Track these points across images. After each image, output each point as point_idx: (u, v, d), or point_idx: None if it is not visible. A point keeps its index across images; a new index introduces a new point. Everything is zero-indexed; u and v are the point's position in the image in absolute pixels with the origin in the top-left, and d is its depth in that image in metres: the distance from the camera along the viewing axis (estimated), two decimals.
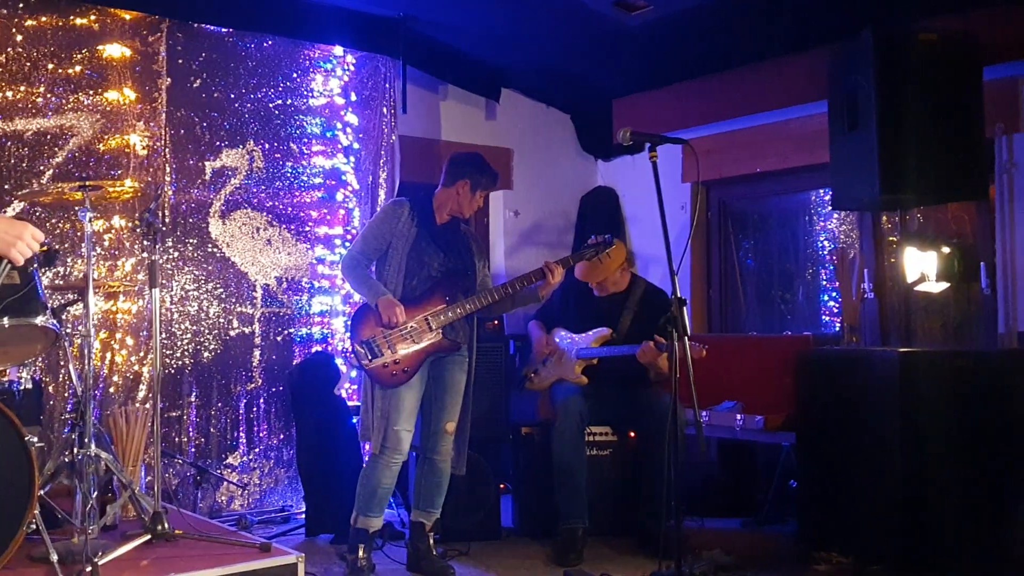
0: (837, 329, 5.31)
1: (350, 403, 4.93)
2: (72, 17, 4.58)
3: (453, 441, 4.04)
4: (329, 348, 5.33)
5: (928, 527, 3.77)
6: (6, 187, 4.37)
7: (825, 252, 5.55)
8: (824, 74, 4.41)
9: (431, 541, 4.04)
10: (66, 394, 4.44)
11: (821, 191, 5.53)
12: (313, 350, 5.28)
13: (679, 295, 2.91)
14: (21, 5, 4.45)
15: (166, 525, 3.54)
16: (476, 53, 5.82)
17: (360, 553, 3.90)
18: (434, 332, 3.91)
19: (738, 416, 4.76)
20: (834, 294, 5.41)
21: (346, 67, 5.45)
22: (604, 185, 6.64)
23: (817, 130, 4.92)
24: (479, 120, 6.21)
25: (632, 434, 4.63)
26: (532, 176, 6.42)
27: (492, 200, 6.39)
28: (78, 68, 4.59)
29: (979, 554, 3.74)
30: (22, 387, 3.76)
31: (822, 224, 5.61)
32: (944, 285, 4.62)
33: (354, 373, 5.22)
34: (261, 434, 5.11)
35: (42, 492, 3.32)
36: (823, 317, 5.55)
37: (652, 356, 4.28)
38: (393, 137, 5.52)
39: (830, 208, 5.38)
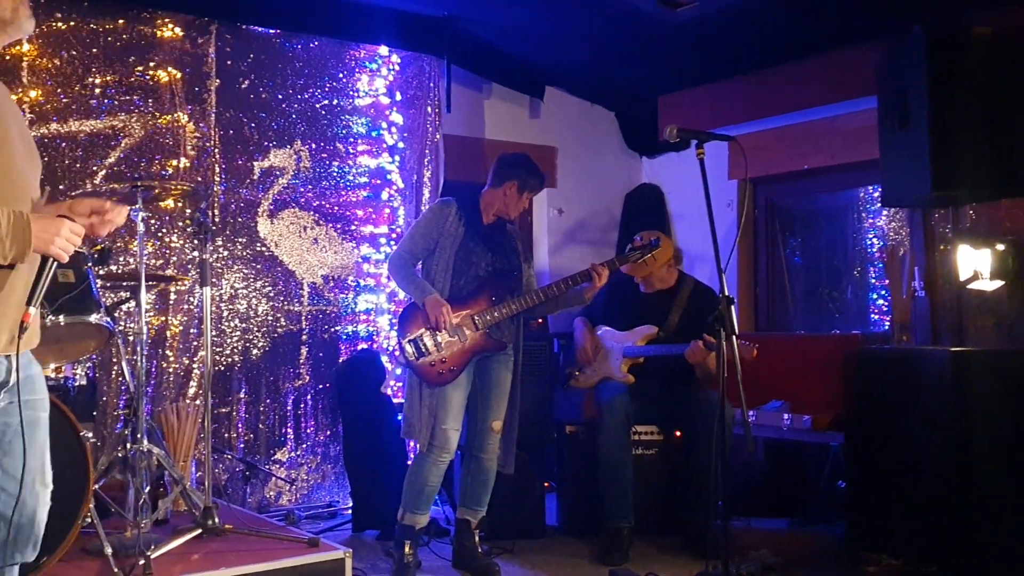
0: (887, 328, 5.23)
1: (396, 400, 4.97)
2: (124, 20, 4.67)
3: (500, 440, 4.04)
4: (374, 346, 5.38)
5: (980, 530, 3.70)
6: (61, 187, 4.47)
7: (874, 249, 5.47)
8: (873, 69, 4.34)
9: (476, 539, 4.06)
10: (119, 390, 4.52)
11: (870, 187, 5.45)
12: (359, 348, 5.33)
13: (727, 294, 2.88)
14: (74, 10, 4.55)
15: (216, 520, 3.60)
16: (520, 51, 5.83)
17: (406, 549, 3.92)
18: (480, 331, 3.92)
19: (785, 416, 4.70)
20: (883, 292, 5.33)
21: (391, 67, 5.48)
22: (649, 182, 6.60)
23: (866, 126, 4.84)
24: (523, 118, 6.21)
25: (678, 433, 4.60)
26: (576, 174, 6.40)
27: (536, 198, 6.37)
28: (130, 70, 4.68)
29: None
30: (77, 383, 3.85)
31: (871, 221, 5.52)
32: (998, 283, 4.52)
33: (399, 371, 5.26)
34: (308, 430, 5.17)
35: (96, 486, 3.39)
36: (872, 315, 5.47)
37: (701, 356, 4.25)
38: (437, 136, 5.55)
39: (879, 205, 5.30)
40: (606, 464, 4.32)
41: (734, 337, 2.87)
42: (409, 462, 4.65)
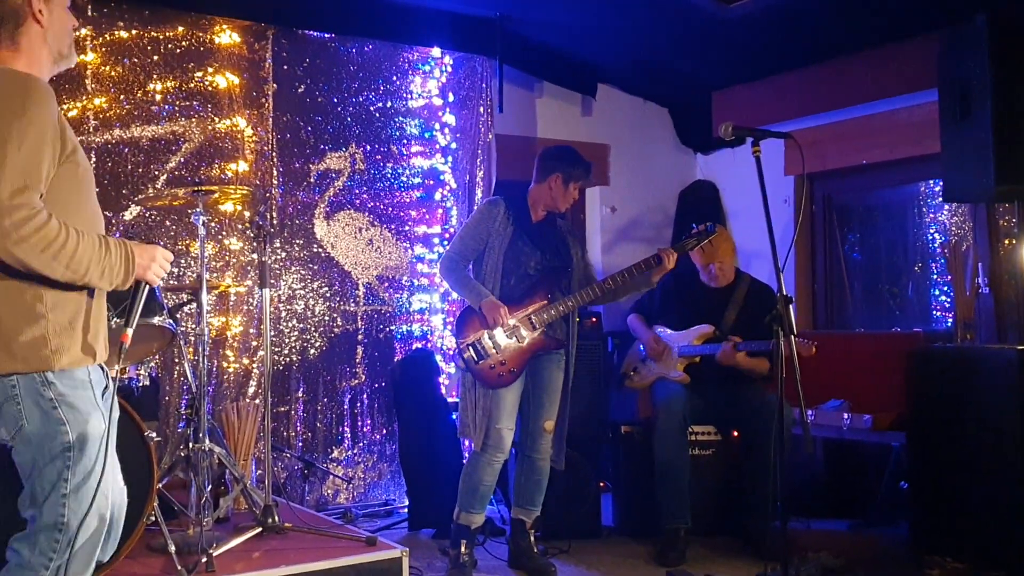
0: (949, 325, 5.12)
1: (450, 399, 4.99)
2: (183, 28, 4.77)
3: (553, 436, 4.04)
4: (429, 345, 5.42)
5: None
6: (124, 192, 4.58)
7: (936, 245, 5.35)
8: (933, 61, 4.25)
9: (532, 538, 4.06)
10: (181, 390, 4.62)
11: (931, 182, 5.33)
12: (413, 347, 5.37)
13: (785, 293, 2.84)
14: (135, 19, 4.65)
15: (276, 518, 3.66)
16: (572, 50, 5.82)
17: (462, 549, 3.94)
18: (537, 331, 3.91)
19: (845, 415, 4.63)
20: (946, 288, 5.21)
21: (444, 68, 5.52)
22: (704, 179, 6.54)
23: (926, 120, 4.75)
24: (575, 116, 6.19)
25: (736, 433, 4.56)
26: (629, 171, 6.37)
27: (588, 196, 6.37)
28: (189, 76, 4.77)
29: None
30: (140, 384, 3.93)
31: (932, 216, 5.41)
32: None
33: (451, 368, 5.29)
34: (364, 429, 5.23)
35: (160, 485, 3.46)
36: (934, 312, 5.35)
37: (732, 359, 4.23)
38: (490, 136, 5.57)
39: (941, 199, 5.18)
40: (662, 464, 4.30)
41: (793, 336, 2.83)
42: (464, 461, 4.68)
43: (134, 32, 4.66)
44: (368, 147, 5.29)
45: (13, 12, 2.11)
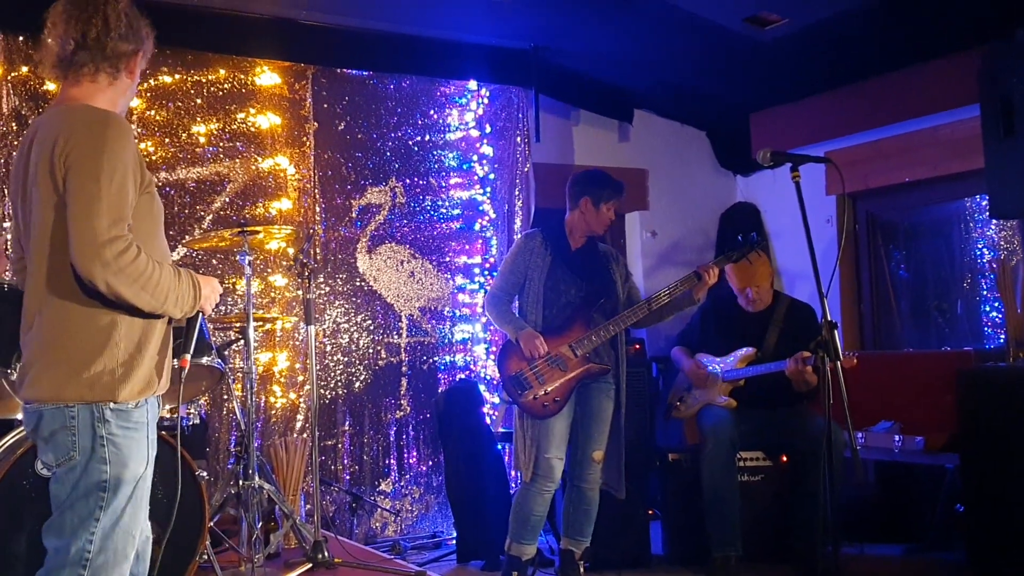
0: (1002, 342, 5.02)
1: (495, 430, 4.99)
2: (225, 71, 4.87)
3: (611, 465, 4.02)
4: (472, 375, 5.43)
5: None
6: (171, 233, 4.68)
7: (984, 261, 5.26)
8: (974, 77, 4.20)
9: (581, 569, 4.04)
10: (230, 426, 4.68)
11: (977, 197, 5.26)
12: (457, 377, 5.39)
13: (829, 319, 2.82)
14: (179, 64, 4.77)
15: (326, 554, 3.68)
16: (607, 77, 5.84)
17: None
18: (579, 359, 3.91)
19: (896, 437, 4.55)
20: (996, 305, 5.12)
21: (480, 100, 5.57)
22: (744, 201, 6.50)
23: (969, 136, 4.68)
24: (612, 142, 6.21)
25: (785, 458, 4.50)
26: (669, 195, 6.36)
27: (628, 221, 6.37)
28: (232, 118, 4.87)
29: None
30: (191, 422, 3.99)
31: (980, 231, 5.32)
32: None
33: (496, 398, 5.30)
34: (411, 461, 5.25)
35: (211, 523, 3.51)
36: (985, 330, 5.25)
37: (800, 373, 4.16)
38: (527, 165, 5.60)
39: (988, 215, 5.10)
40: (711, 492, 4.26)
41: (839, 362, 2.80)
42: (511, 491, 4.67)
43: (178, 76, 4.77)
44: (408, 181, 5.35)
45: (122, 56, 2.20)
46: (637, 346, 4.77)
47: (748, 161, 6.26)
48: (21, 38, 4.33)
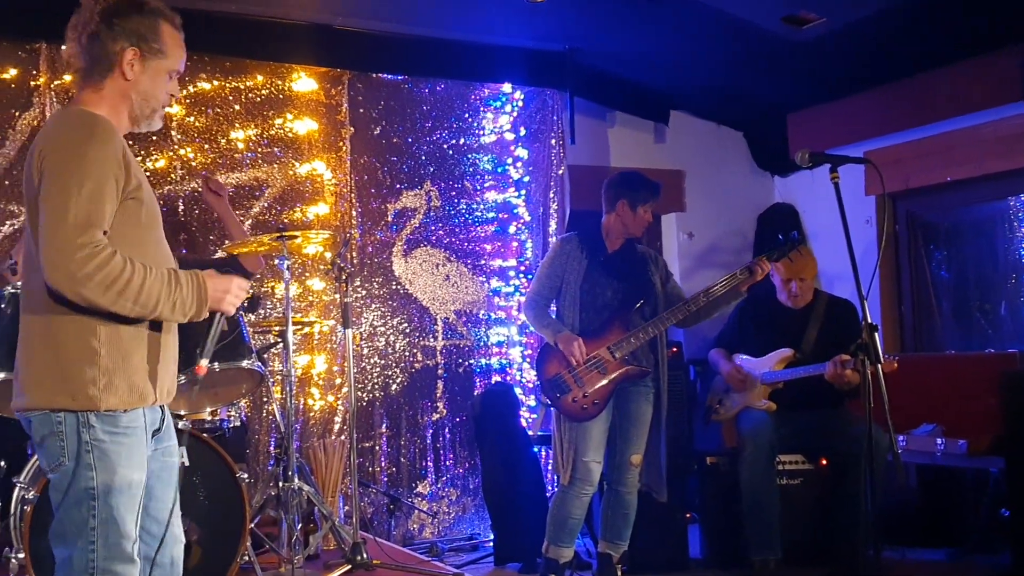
0: None
1: (531, 433, 4.99)
2: (262, 77, 4.93)
3: (651, 467, 3.99)
4: (508, 378, 5.44)
5: None
6: (211, 238, 4.74)
7: None
8: (1017, 74, 4.13)
9: (619, 573, 4.03)
10: (269, 429, 4.73)
11: (1022, 196, 5.16)
12: (493, 380, 5.40)
13: (870, 321, 2.78)
14: (217, 71, 4.83)
15: (365, 555, 3.71)
16: (642, 79, 5.82)
17: None
18: (618, 361, 3.90)
19: (938, 440, 4.49)
20: None
21: (515, 103, 5.58)
22: (782, 202, 6.44)
23: (1012, 134, 4.61)
24: (648, 144, 6.18)
25: (824, 461, 4.46)
26: (706, 197, 6.32)
27: (665, 223, 6.34)
28: (270, 123, 4.93)
29: None
30: (231, 425, 4.03)
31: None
32: None
33: (532, 401, 5.30)
34: (447, 463, 5.27)
35: (252, 524, 3.54)
36: None
37: (840, 376, 4.11)
38: (562, 168, 5.59)
39: None
40: (750, 495, 4.22)
41: (879, 366, 2.77)
42: (548, 494, 4.67)
43: (216, 83, 4.83)
44: (443, 184, 5.38)
45: (106, 57, 2.14)
46: (675, 349, 4.75)
47: (786, 161, 6.20)
48: (63, 47, 4.40)
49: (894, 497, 4.69)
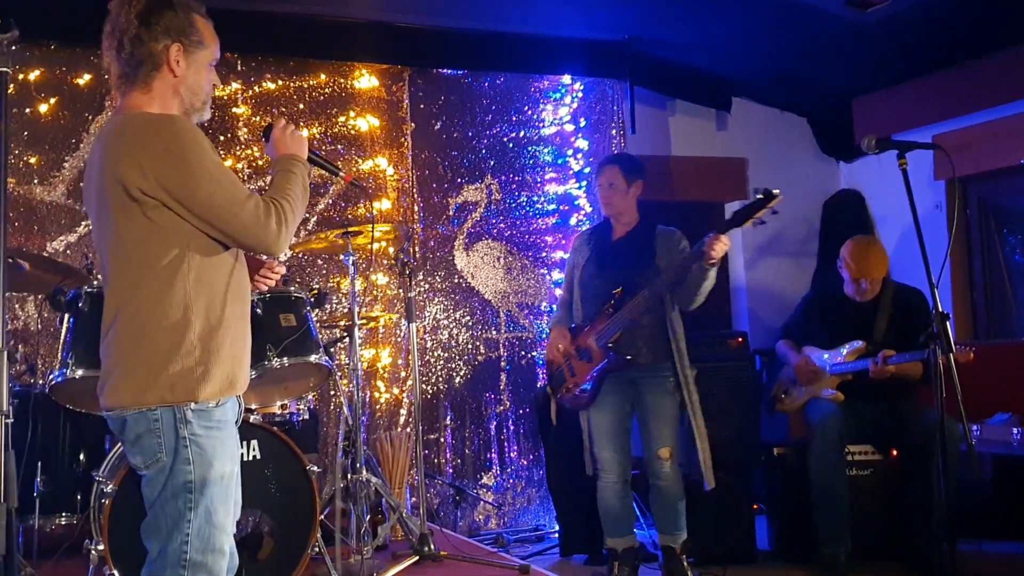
0: None
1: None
2: (325, 76, 5.01)
3: (687, 456, 3.94)
4: None
5: None
6: None
7: None
8: None
9: (685, 563, 4.00)
10: (337, 421, 4.81)
11: None
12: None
13: (941, 309, 2.72)
14: (282, 71, 4.91)
15: (432, 546, 3.75)
16: (703, 66, 5.76)
17: (614, 572, 3.94)
18: (601, 350, 3.84)
19: (1015, 429, 4.37)
20: None
21: (574, 94, 5.57)
22: (848, 188, 6.33)
23: None
24: (710, 131, 6.12)
25: (895, 452, 4.37)
26: (768, 184, 6.01)
27: (728, 211, 6.26)
28: (333, 121, 5.00)
29: None
30: (301, 418, 4.11)
31: None
32: None
33: None
34: (512, 455, 5.30)
35: (322, 516, 3.61)
36: None
37: (884, 373, 4.05)
38: None
39: None
40: (819, 487, 4.16)
41: (951, 354, 2.71)
42: None
43: (280, 83, 4.92)
44: (503, 177, 5.40)
45: (151, 57, 2.18)
46: (740, 339, 4.70)
47: (851, 147, 6.09)
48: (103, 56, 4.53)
49: (968, 488, 4.58)
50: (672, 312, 3.84)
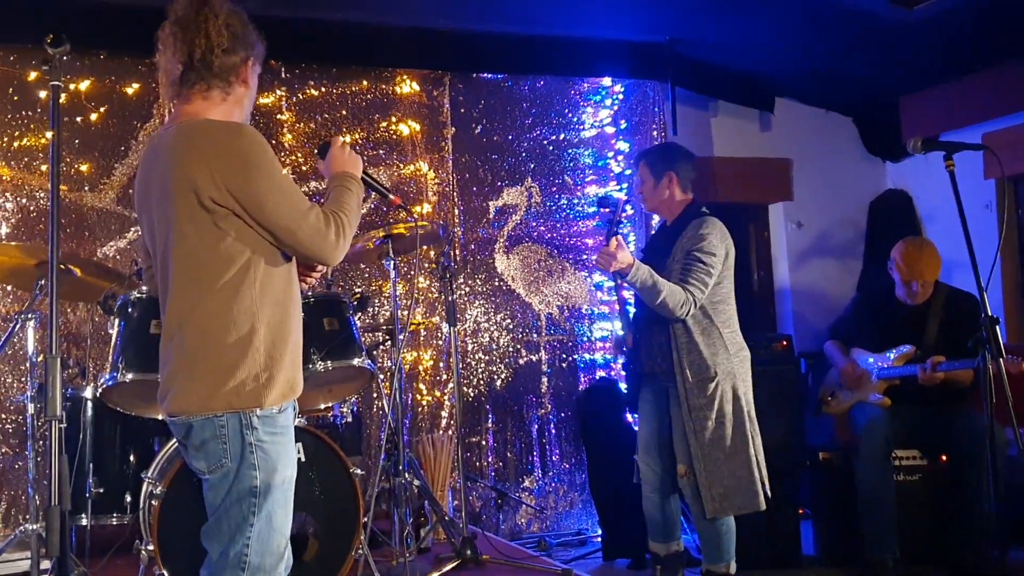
0: None
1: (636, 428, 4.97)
2: (367, 82, 5.06)
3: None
4: (612, 373, 5.42)
5: None
6: None
7: None
8: None
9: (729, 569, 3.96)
10: (379, 423, 4.84)
11: None
12: (597, 375, 5.39)
13: (990, 314, 2.67)
14: (324, 77, 4.97)
15: (475, 550, 3.76)
16: (746, 66, 5.71)
17: (656, 574, 3.91)
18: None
19: None
20: None
21: (615, 96, 5.55)
22: (895, 188, 6.23)
23: None
24: (753, 132, 6.07)
25: (944, 457, 4.29)
26: (814, 185, 6.16)
27: (772, 213, 6.21)
28: (375, 126, 5.05)
29: None
30: (344, 420, 4.15)
31: None
32: None
33: None
34: (554, 458, 5.29)
35: (365, 519, 3.64)
36: None
37: (933, 380, 3.97)
38: None
39: None
40: (866, 492, 4.10)
41: (1001, 360, 2.66)
42: None
43: (323, 90, 4.98)
44: (543, 180, 5.40)
45: (233, 69, 2.24)
46: (784, 342, 4.65)
47: (898, 146, 5.99)
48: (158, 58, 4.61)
49: (1019, 494, 4.48)
50: (678, 322, 3.52)
